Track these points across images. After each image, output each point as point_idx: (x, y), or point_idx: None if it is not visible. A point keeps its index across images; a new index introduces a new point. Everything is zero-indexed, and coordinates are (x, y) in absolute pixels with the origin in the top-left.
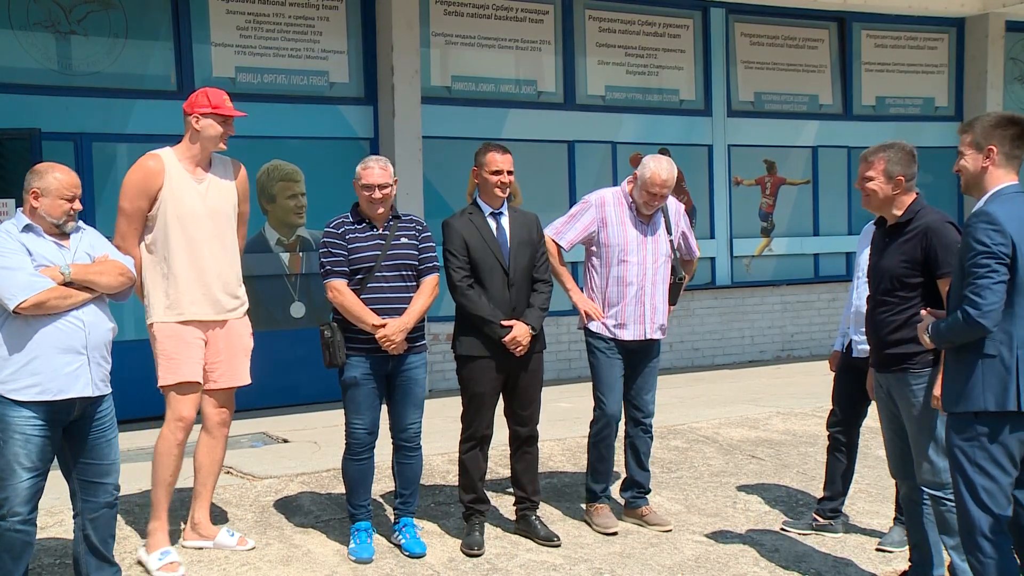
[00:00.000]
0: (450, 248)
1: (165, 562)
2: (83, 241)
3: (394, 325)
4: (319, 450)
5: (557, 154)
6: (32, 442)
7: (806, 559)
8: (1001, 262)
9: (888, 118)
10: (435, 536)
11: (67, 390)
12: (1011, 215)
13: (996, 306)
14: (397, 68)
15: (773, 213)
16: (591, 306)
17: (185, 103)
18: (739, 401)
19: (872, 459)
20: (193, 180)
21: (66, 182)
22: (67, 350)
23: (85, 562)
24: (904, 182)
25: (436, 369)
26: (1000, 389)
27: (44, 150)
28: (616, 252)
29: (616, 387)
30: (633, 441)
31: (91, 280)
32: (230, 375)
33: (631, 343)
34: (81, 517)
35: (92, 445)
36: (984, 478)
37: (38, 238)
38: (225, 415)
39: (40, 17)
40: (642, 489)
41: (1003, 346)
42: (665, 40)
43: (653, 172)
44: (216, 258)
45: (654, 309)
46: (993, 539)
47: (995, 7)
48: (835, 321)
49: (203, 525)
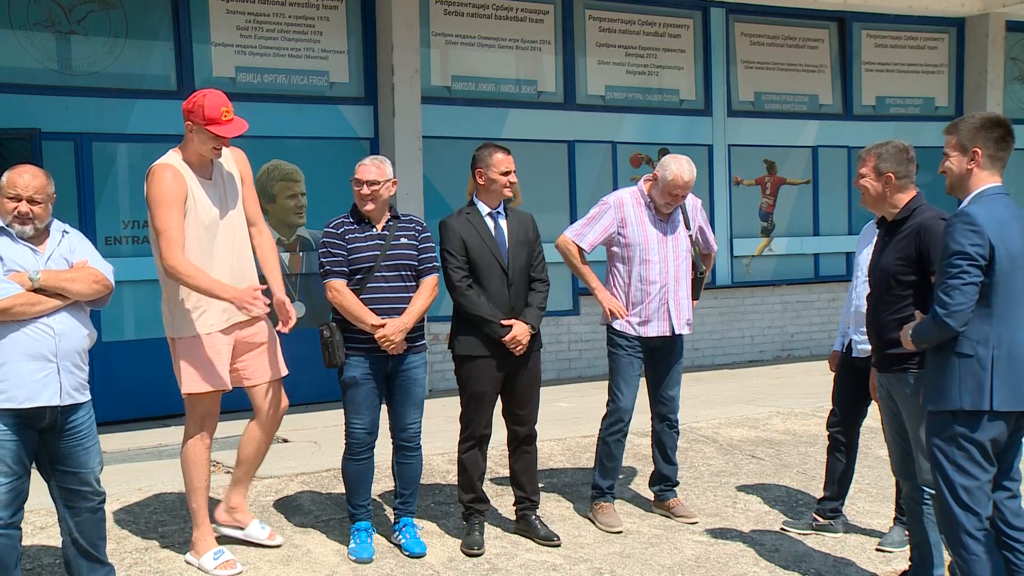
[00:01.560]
0: (448, 248)
1: (221, 560)
2: (62, 245)
3: (393, 325)
4: (319, 450)
5: (557, 154)
6: (5, 447)
7: (806, 559)
8: (974, 264)
9: (888, 118)
10: (435, 536)
11: (35, 398)
12: (990, 216)
13: (964, 307)
14: (397, 68)
15: (773, 213)
16: (616, 304)
17: (185, 101)
18: (739, 401)
19: (872, 459)
20: (205, 184)
21: (9, 180)
22: (36, 357)
23: (77, 564)
24: (895, 179)
25: (436, 369)
26: (976, 388)
27: (44, 150)
28: (638, 252)
29: (633, 384)
30: (660, 436)
31: (62, 287)
32: (265, 370)
33: (655, 340)
34: (66, 523)
35: (68, 453)
36: (963, 476)
37: (12, 242)
38: (274, 409)
39: (40, 17)
40: (670, 482)
41: (980, 345)
42: (665, 40)
43: (676, 174)
44: (238, 259)
45: (678, 305)
46: (976, 537)
47: (995, 7)
48: (835, 321)
49: (239, 510)
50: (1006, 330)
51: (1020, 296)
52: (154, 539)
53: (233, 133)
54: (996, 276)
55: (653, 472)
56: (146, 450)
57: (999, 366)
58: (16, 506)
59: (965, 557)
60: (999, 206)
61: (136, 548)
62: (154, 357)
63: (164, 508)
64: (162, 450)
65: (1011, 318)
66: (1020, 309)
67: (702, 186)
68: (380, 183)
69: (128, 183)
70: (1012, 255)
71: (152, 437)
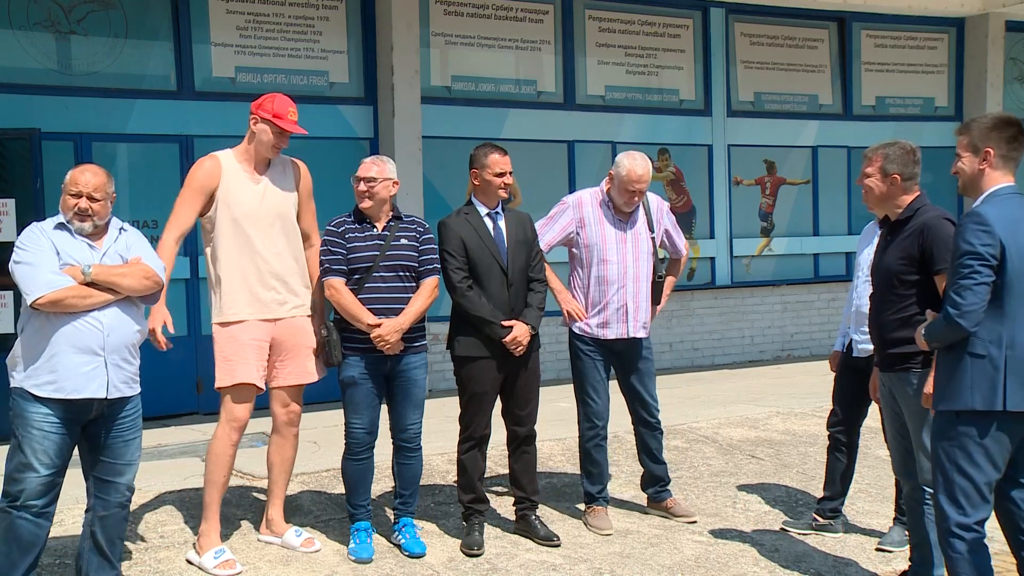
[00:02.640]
0: (448, 248)
1: (221, 560)
2: (119, 242)
3: (389, 325)
4: (319, 450)
5: (557, 154)
6: (49, 439)
7: (806, 559)
8: (986, 264)
9: (888, 118)
10: (435, 536)
11: (82, 390)
12: (1002, 216)
13: (976, 307)
14: (397, 68)
15: (773, 213)
16: (575, 306)
17: (253, 102)
18: (739, 401)
19: (872, 459)
20: (250, 181)
21: (72, 178)
22: (83, 350)
23: (87, 560)
24: (900, 180)
25: (436, 369)
26: (988, 389)
27: (44, 150)
28: (596, 252)
29: (601, 388)
30: (643, 439)
31: (113, 282)
32: (296, 372)
33: (616, 343)
34: (92, 514)
35: (108, 444)
36: (962, 477)
37: (71, 237)
38: (293, 414)
39: (40, 17)
40: (663, 482)
41: (992, 346)
42: (665, 40)
43: (629, 169)
44: (275, 258)
45: (636, 308)
46: (965, 537)
47: (995, 7)
48: (835, 321)
49: (276, 523)
50: (1019, 330)
51: None
52: (154, 539)
53: (295, 129)
54: (1008, 276)
55: (643, 474)
56: (146, 450)
57: (1012, 366)
58: (50, 498)
59: (950, 555)
60: (1011, 205)
61: (136, 548)
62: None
63: (164, 508)
64: (162, 450)
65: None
66: None
67: (702, 186)
68: (377, 180)
69: (128, 183)
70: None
71: (152, 437)
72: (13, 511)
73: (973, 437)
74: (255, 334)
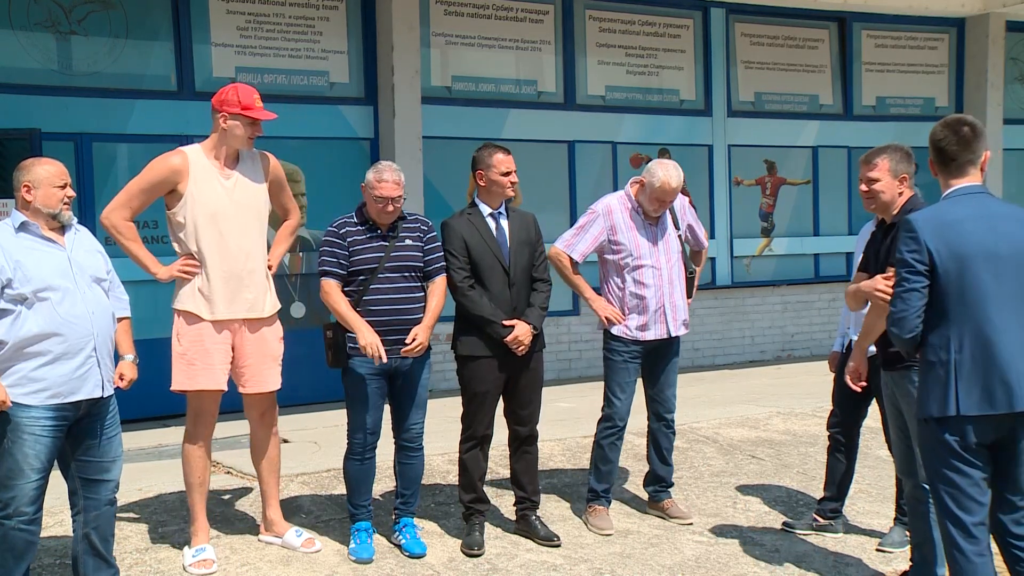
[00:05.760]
0: (450, 249)
1: (199, 559)
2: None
3: (418, 331)
4: (319, 450)
5: (557, 154)
6: (41, 442)
7: (806, 559)
8: (912, 271)
9: (888, 118)
10: (435, 536)
11: (77, 392)
12: (936, 219)
13: (904, 314)
14: (397, 68)
15: (773, 213)
16: (612, 311)
17: (213, 98)
18: (739, 401)
19: (872, 459)
20: (220, 176)
21: (55, 171)
22: (76, 352)
23: (84, 562)
24: (908, 180)
25: (436, 369)
26: (941, 394)
27: (44, 150)
28: (630, 258)
29: (629, 390)
30: (656, 436)
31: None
32: (258, 380)
33: (653, 342)
34: (83, 515)
35: (94, 443)
36: (943, 483)
37: (33, 238)
38: (267, 416)
39: (40, 17)
40: (664, 483)
41: (941, 351)
42: (665, 40)
43: (663, 180)
44: (246, 256)
45: (675, 307)
46: (964, 539)
47: (995, 7)
48: (835, 321)
49: (276, 523)
50: (968, 331)
51: (982, 295)
52: (154, 539)
53: (267, 115)
54: (942, 279)
55: (648, 472)
56: (146, 450)
57: (963, 370)
58: (39, 503)
59: (955, 556)
60: (961, 205)
61: (136, 548)
62: (154, 357)
63: (164, 508)
64: (162, 450)
65: (972, 319)
66: (984, 308)
67: (702, 186)
68: (403, 197)
69: None
70: (960, 255)
71: (152, 437)
72: (6, 521)
73: (942, 442)
74: (224, 336)
